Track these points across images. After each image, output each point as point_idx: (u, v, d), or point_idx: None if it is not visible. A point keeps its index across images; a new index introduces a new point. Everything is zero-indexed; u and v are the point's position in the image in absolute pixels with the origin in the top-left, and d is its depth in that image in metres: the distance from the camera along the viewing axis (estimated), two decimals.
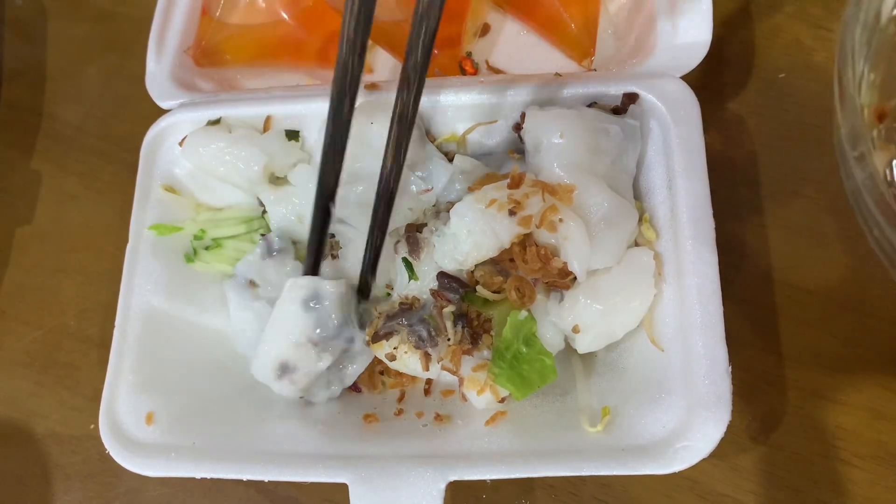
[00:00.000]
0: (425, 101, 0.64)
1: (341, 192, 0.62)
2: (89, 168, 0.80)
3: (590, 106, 0.61)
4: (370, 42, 0.76)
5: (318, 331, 0.59)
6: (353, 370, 0.61)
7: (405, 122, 0.54)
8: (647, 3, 0.66)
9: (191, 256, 0.66)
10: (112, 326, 0.62)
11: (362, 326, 0.61)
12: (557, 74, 0.64)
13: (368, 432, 0.59)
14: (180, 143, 0.66)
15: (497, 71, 0.74)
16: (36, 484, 0.68)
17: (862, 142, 0.43)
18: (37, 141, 0.82)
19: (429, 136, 0.65)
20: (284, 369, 0.60)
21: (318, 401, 0.61)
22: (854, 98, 0.44)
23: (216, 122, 0.66)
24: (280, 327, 0.60)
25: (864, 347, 0.60)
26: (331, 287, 0.60)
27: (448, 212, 0.58)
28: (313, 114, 0.65)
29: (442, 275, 0.58)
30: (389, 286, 0.63)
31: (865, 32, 0.46)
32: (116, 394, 0.59)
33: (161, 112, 0.69)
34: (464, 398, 0.59)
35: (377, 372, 0.63)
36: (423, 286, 0.60)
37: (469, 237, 0.56)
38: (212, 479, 0.56)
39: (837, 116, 0.45)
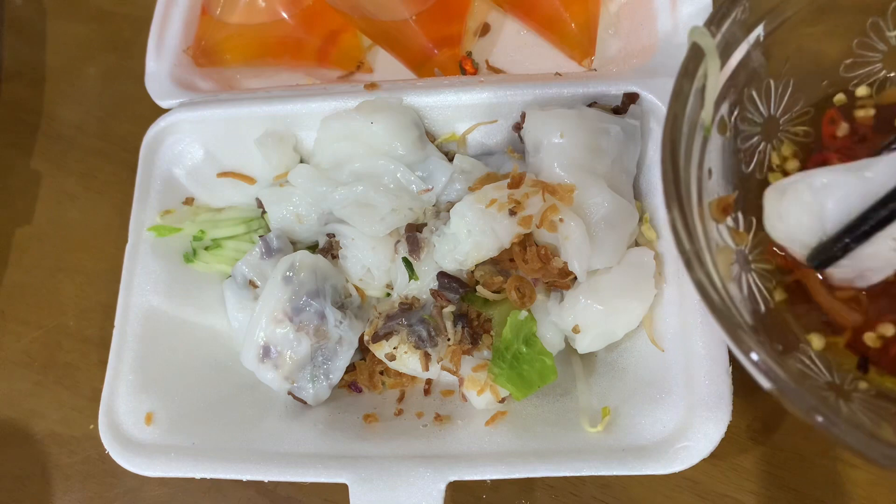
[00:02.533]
0: (426, 101, 0.64)
1: (342, 192, 0.62)
2: (89, 168, 0.80)
3: (590, 106, 0.61)
4: (370, 42, 0.76)
5: (290, 301, 0.60)
6: (338, 365, 0.61)
7: None
8: (647, 3, 0.66)
9: (189, 256, 0.66)
10: (112, 326, 0.62)
11: (338, 306, 0.61)
12: (557, 74, 0.64)
13: (368, 432, 0.59)
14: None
15: (497, 71, 0.74)
16: (36, 484, 0.68)
17: (690, 245, 0.42)
18: (36, 141, 0.82)
19: (429, 136, 0.65)
20: (266, 352, 0.60)
21: (307, 398, 0.61)
22: (681, 205, 0.44)
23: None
24: (264, 306, 0.60)
25: None
26: (307, 257, 0.61)
27: (448, 212, 0.58)
28: (312, 113, 0.65)
29: (442, 275, 0.58)
30: (389, 286, 0.63)
31: (691, 133, 0.46)
32: (116, 394, 0.59)
33: (161, 112, 0.69)
34: (464, 398, 0.59)
35: (377, 372, 0.63)
36: (423, 286, 0.60)
37: (469, 237, 0.56)
38: (212, 479, 0.56)
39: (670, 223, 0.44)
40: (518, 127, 0.62)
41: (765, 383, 0.39)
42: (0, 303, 0.76)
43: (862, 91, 0.53)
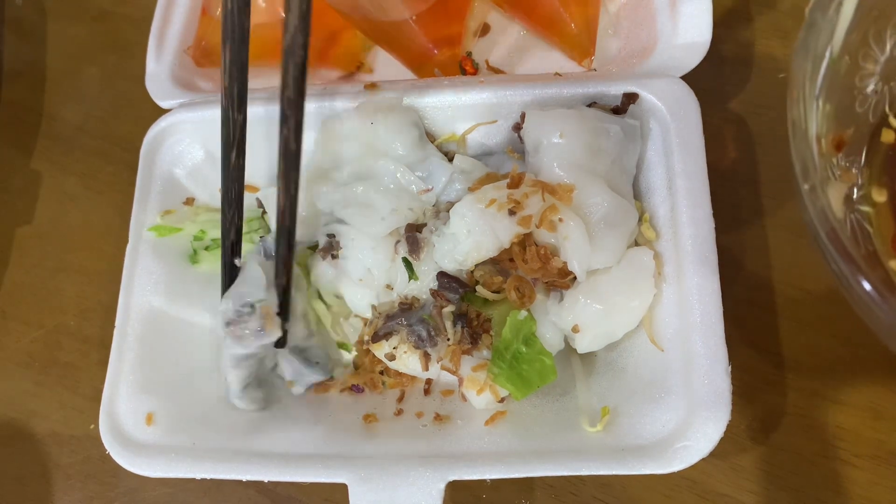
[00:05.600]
0: (426, 101, 0.64)
1: (342, 193, 0.62)
2: (89, 168, 0.80)
3: (590, 106, 0.61)
4: (370, 42, 0.76)
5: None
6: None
7: (290, 155, 0.55)
8: (647, 4, 0.66)
9: (194, 257, 0.66)
10: (112, 326, 0.62)
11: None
12: (557, 74, 0.64)
13: (368, 432, 0.59)
14: None
15: (497, 71, 0.74)
16: (36, 484, 0.68)
17: (812, 174, 0.44)
18: (37, 141, 0.82)
19: (429, 136, 0.65)
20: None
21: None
22: (803, 130, 0.45)
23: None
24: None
25: (864, 347, 0.60)
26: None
27: (448, 212, 0.58)
28: (312, 114, 0.65)
29: (442, 275, 0.58)
30: (389, 286, 0.62)
31: (816, 63, 0.47)
32: (116, 394, 0.59)
33: (161, 112, 0.69)
34: (463, 398, 0.59)
35: (377, 372, 0.63)
36: (422, 286, 0.60)
37: (469, 237, 0.56)
38: (212, 479, 0.56)
39: (791, 149, 0.45)
40: (518, 127, 0.62)
41: (878, 311, 0.40)
42: (0, 303, 0.76)
43: None
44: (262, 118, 0.66)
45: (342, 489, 0.53)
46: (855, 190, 0.50)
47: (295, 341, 0.62)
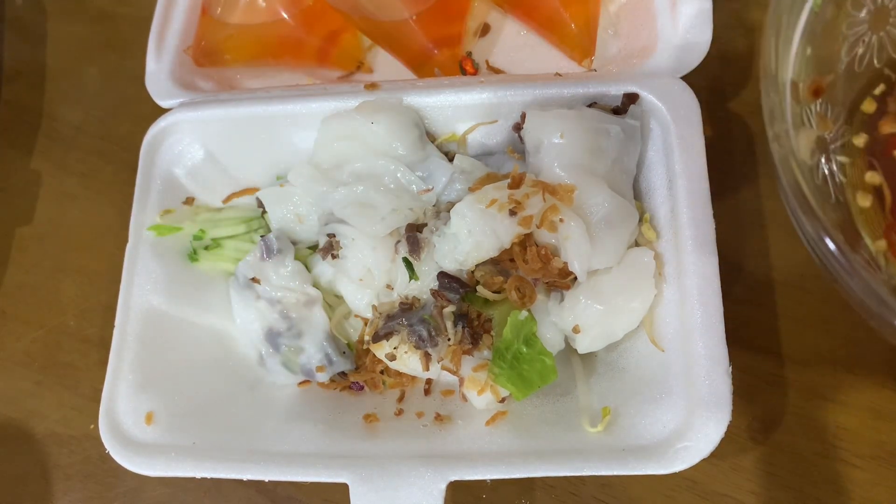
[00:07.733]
0: (426, 101, 0.64)
1: (342, 192, 0.62)
2: (89, 168, 0.80)
3: (590, 106, 0.61)
4: (370, 42, 0.76)
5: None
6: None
7: None
8: (647, 4, 0.66)
9: (194, 255, 0.66)
10: (112, 326, 0.62)
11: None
12: (557, 74, 0.64)
13: (369, 432, 0.59)
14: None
15: (497, 71, 0.74)
16: (36, 484, 0.68)
17: (779, 121, 0.42)
18: (37, 141, 0.82)
19: (429, 136, 0.65)
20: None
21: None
22: (774, 74, 0.42)
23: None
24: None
25: (864, 347, 0.60)
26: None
27: (448, 212, 0.58)
28: (313, 113, 0.65)
29: (442, 275, 0.58)
30: (390, 286, 0.62)
31: (797, 6, 0.45)
32: (116, 394, 0.59)
33: (161, 111, 0.69)
34: (464, 398, 0.59)
35: (377, 371, 0.63)
36: (423, 286, 0.60)
37: (469, 237, 0.56)
38: (212, 479, 0.56)
39: (762, 93, 0.43)
40: (518, 127, 0.62)
41: (834, 266, 0.38)
42: (0, 303, 0.76)
43: None
44: (263, 118, 0.66)
45: (342, 489, 0.53)
46: (829, 137, 0.48)
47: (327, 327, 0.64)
